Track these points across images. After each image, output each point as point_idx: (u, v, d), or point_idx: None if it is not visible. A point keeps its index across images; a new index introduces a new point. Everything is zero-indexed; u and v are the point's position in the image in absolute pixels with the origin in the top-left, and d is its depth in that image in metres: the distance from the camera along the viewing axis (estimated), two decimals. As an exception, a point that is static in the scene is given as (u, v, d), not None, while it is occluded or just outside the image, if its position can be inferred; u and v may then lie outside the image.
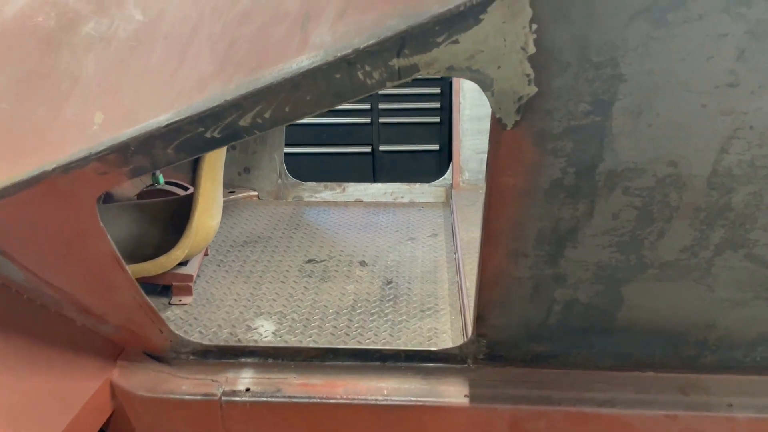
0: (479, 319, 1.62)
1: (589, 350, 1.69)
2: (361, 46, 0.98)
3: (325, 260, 2.54)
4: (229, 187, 3.19)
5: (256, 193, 3.23)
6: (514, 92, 1.03)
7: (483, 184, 3.28)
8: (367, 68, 1.02)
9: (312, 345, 1.92)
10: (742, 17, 0.90)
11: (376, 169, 4.77)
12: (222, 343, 1.93)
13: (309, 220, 2.95)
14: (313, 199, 3.19)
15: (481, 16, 0.92)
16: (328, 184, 3.24)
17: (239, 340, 1.97)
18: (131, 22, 1.27)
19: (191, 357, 1.84)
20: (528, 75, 1.00)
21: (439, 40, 0.96)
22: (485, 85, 1.02)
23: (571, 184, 1.19)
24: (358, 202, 3.12)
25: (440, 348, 1.77)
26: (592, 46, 0.95)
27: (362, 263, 2.50)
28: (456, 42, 0.96)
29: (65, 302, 1.68)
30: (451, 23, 0.94)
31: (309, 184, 3.28)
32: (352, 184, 3.21)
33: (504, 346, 1.70)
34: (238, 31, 1.14)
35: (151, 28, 1.25)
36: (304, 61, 1.04)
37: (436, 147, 4.61)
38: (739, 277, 1.39)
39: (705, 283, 1.42)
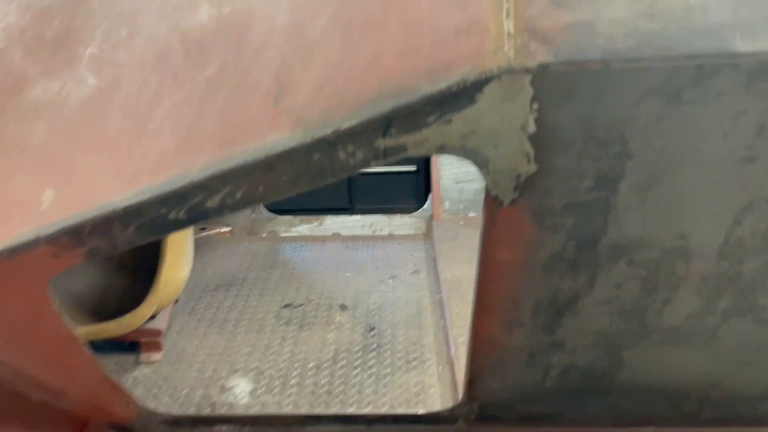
0: (471, 382, 1.52)
1: (587, 409, 1.61)
2: (343, 127, 0.88)
3: (303, 304, 2.43)
4: (200, 223, 3.05)
5: (229, 229, 3.10)
6: (512, 170, 0.93)
7: (464, 215, 3.21)
8: (350, 148, 0.91)
9: (291, 407, 1.81)
10: (764, 94, 0.81)
11: (352, 193, 4.66)
12: (194, 410, 1.79)
13: (285, 257, 2.83)
14: (289, 234, 3.07)
15: (476, 96, 0.83)
16: (305, 217, 3.12)
17: (213, 404, 1.84)
18: (84, 87, 1.15)
19: (161, 427, 1.71)
20: (528, 153, 0.90)
21: (430, 120, 0.86)
22: (480, 163, 0.93)
23: (571, 257, 1.10)
24: (336, 236, 3.01)
25: (430, 409, 1.68)
26: (598, 125, 0.86)
27: (342, 307, 2.39)
28: (448, 122, 0.86)
29: (20, 379, 1.54)
30: (443, 103, 0.84)
31: (284, 217, 3.16)
32: (330, 216, 3.10)
33: (497, 407, 1.61)
34: (204, 102, 1.02)
35: (106, 94, 1.12)
36: (278, 140, 0.93)
37: (413, 168, 4.54)
38: (745, 340, 1.32)
39: (710, 347, 1.34)
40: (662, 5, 0.78)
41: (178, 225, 1.06)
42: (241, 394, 1.90)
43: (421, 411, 1.65)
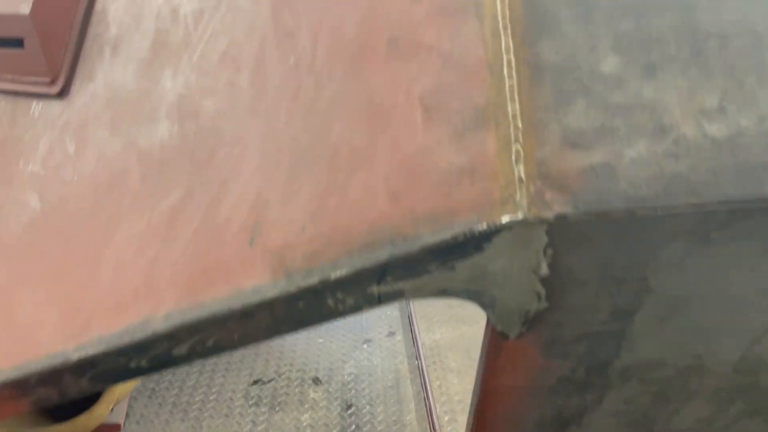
0: (464, 486, 1.41)
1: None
2: (332, 277, 0.77)
3: (274, 379, 2.29)
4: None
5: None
6: (520, 308, 0.84)
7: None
8: (340, 296, 0.80)
9: None
10: (796, 231, 0.74)
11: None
12: None
13: (251, 323, 2.68)
14: (254, 295, 2.92)
15: (484, 245, 0.73)
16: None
17: None
18: (25, 210, 1.01)
19: None
20: (538, 293, 0.81)
21: (431, 268, 0.76)
22: (485, 303, 0.83)
23: (580, 380, 1.01)
24: (304, 295, 2.88)
25: None
26: (617, 266, 0.78)
27: (315, 381, 2.26)
28: (452, 269, 0.76)
29: None
30: (446, 252, 0.74)
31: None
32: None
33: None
34: (167, 236, 0.90)
35: (51, 219, 0.99)
36: (256, 287, 0.81)
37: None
38: (754, 437, 1.25)
39: (717, 445, 1.27)
40: (687, 144, 0.70)
41: (140, 372, 0.93)
42: (212, 497, 1.75)
43: None
